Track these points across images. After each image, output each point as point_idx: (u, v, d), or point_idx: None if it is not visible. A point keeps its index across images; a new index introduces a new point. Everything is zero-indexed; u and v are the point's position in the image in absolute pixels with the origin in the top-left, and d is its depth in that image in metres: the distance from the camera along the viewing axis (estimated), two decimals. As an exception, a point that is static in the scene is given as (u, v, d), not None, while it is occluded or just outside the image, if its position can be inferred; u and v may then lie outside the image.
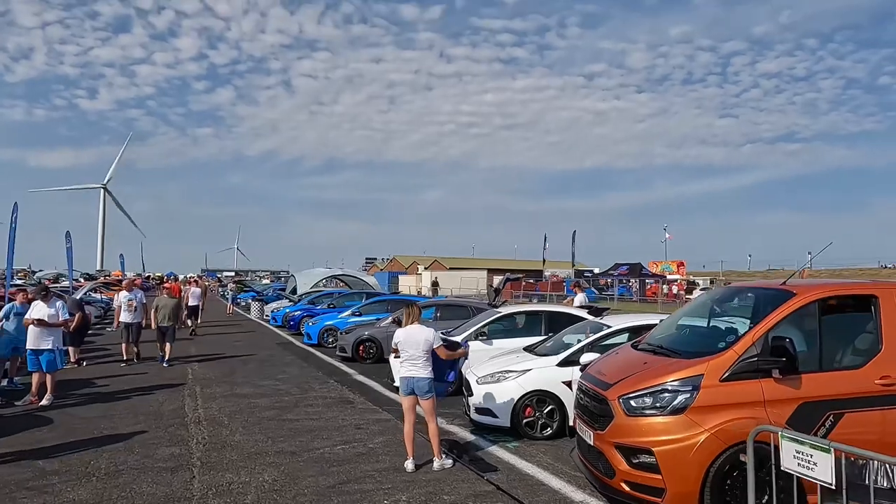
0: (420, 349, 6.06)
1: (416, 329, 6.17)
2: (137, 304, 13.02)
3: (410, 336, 6.12)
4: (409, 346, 6.10)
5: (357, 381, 11.22)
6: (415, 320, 6.24)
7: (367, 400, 9.38)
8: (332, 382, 10.97)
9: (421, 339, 6.07)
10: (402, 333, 6.21)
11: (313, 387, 10.49)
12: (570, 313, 10.20)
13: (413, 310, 6.32)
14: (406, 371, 6.13)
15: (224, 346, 16.29)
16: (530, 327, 10.22)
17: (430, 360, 6.12)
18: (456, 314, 13.41)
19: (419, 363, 6.07)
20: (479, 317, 11.27)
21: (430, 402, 6.13)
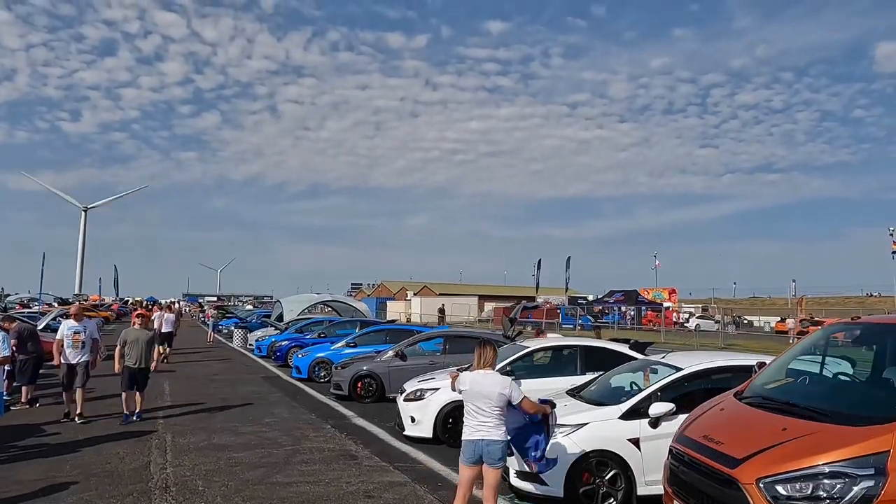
0: (493, 403, 4.65)
1: (488, 377, 4.77)
2: (86, 338, 9.57)
3: (480, 385, 4.73)
4: (477, 399, 4.70)
5: (357, 426, 9.63)
6: (487, 364, 4.82)
7: (373, 453, 7.81)
8: (328, 428, 9.37)
9: (494, 391, 4.67)
10: (468, 381, 4.82)
11: (307, 434, 8.89)
12: (609, 349, 8.77)
13: (486, 351, 4.89)
14: (473, 432, 4.71)
15: (202, 381, 14.56)
16: (563, 365, 8.77)
17: (504, 418, 4.72)
18: (466, 347, 11.87)
19: (491, 422, 4.66)
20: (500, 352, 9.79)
21: (498, 473, 4.72)
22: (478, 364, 4.82)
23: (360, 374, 11.87)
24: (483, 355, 4.82)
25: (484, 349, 4.87)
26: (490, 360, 4.82)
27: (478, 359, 4.85)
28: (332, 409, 11.14)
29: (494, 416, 4.64)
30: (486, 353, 4.84)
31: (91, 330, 9.77)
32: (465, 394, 4.76)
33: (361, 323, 18.45)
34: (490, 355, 4.82)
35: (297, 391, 13.31)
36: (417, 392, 8.45)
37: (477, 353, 4.90)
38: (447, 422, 8.15)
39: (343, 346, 14.86)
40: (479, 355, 4.86)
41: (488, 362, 4.81)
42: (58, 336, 9.61)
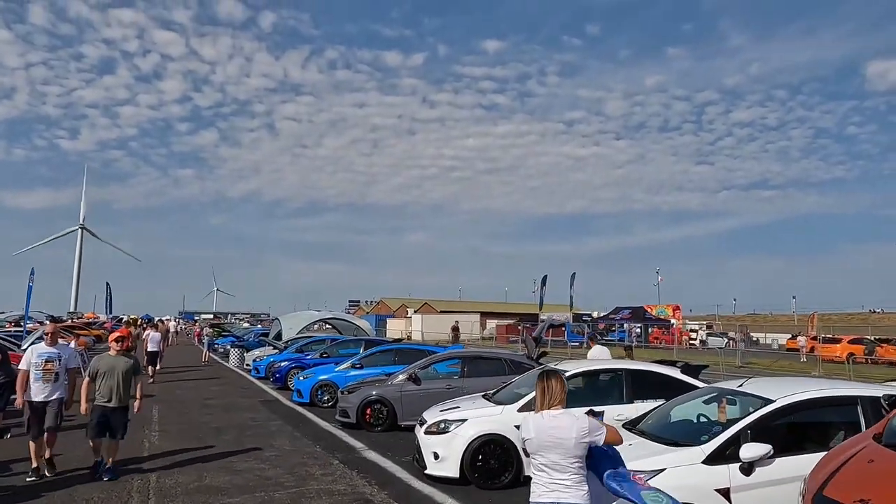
0: (570, 454, 3.56)
1: (558, 419, 3.66)
2: (59, 369, 7.41)
3: (550, 432, 3.63)
4: (548, 450, 3.62)
5: (369, 461, 8.50)
6: (555, 402, 3.74)
7: (391, 498, 6.69)
8: (336, 464, 8.24)
9: (571, 438, 3.57)
10: (532, 427, 3.71)
11: (312, 472, 7.76)
12: (658, 373, 7.70)
13: (552, 385, 3.81)
14: (544, 493, 3.62)
15: (194, 407, 13.40)
16: (606, 392, 7.70)
17: (584, 471, 3.63)
18: (487, 369, 10.83)
19: (568, 479, 3.57)
20: (527, 376, 8.71)
21: None
22: (542, 403, 3.76)
23: (369, 400, 10.75)
24: (549, 391, 3.77)
25: (549, 383, 3.81)
26: (559, 396, 3.76)
27: (542, 396, 3.78)
28: (339, 439, 10.00)
29: (573, 471, 3.57)
30: (553, 387, 3.78)
31: (67, 357, 7.64)
32: (531, 444, 3.69)
33: (366, 342, 17.33)
34: (558, 391, 3.77)
35: (299, 418, 12.16)
36: (441, 424, 7.36)
37: (539, 388, 3.83)
38: (476, 459, 7.05)
39: (348, 368, 13.74)
40: (543, 391, 3.80)
41: (556, 400, 3.75)
42: (22, 365, 7.37)
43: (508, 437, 7.09)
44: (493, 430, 7.13)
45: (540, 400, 3.76)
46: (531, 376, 8.67)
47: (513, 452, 7.05)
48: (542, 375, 3.91)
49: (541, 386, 3.81)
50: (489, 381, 10.32)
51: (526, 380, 8.67)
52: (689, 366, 7.79)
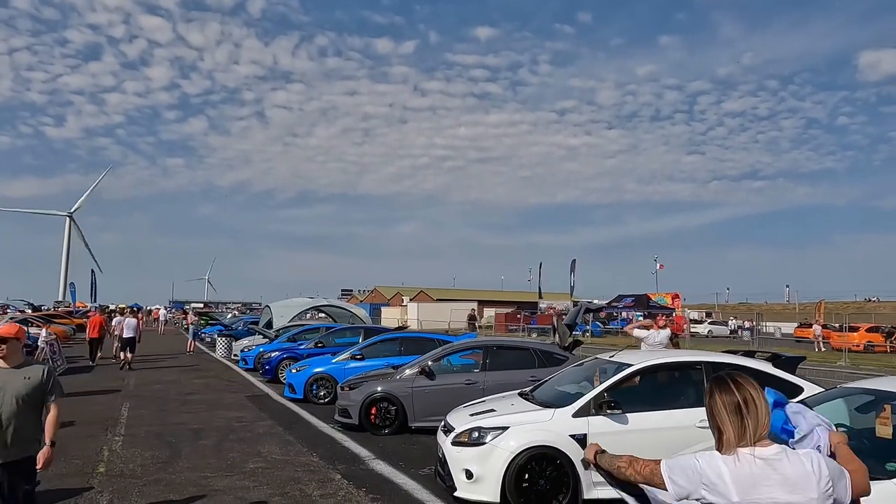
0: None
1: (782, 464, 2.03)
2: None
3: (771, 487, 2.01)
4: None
5: (379, 475, 6.89)
6: (762, 428, 2.08)
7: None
8: (337, 480, 6.62)
9: (811, 488, 1.98)
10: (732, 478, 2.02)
11: (309, 492, 6.14)
12: (749, 367, 6.11)
13: (753, 395, 2.09)
14: None
15: (172, 404, 11.72)
16: (682, 391, 6.11)
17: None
18: (512, 362, 9.23)
19: None
20: (577, 371, 7.14)
21: None
22: (740, 433, 2.08)
23: (374, 398, 9.12)
24: (750, 410, 2.08)
25: (744, 392, 2.12)
26: (766, 418, 2.11)
27: (737, 420, 2.09)
28: (340, 445, 8.37)
29: None
30: (755, 402, 2.10)
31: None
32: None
33: (366, 330, 15.68)
34: (764, 408, 2.11)
35: (291, 418, 10.52)
36: (474, 433, 5.75)
37: (727, 403, 2.11)
38: (522, 479, 5.45)
39: (348, 359, 12.10)
40: (737, 410, 2.09)
41: (763, 425, 2.09)
42: None
43: (563, 450, 5.50)
44: (544, 440, 5.54)
45: (735, 427, 2.09)
46: (576, 372, 7.10)
47: (568, 470, 5.47)
48: (720, 381, 2.23)
49: (729, 400, 2.12)
50: (515, 376, 8.76)
51: (569, 375, 7.10)
52: (781, 358, 6.20)
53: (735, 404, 2.09)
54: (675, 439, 5.60)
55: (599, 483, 5.52)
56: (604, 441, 5.58)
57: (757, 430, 2.05)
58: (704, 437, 5.61)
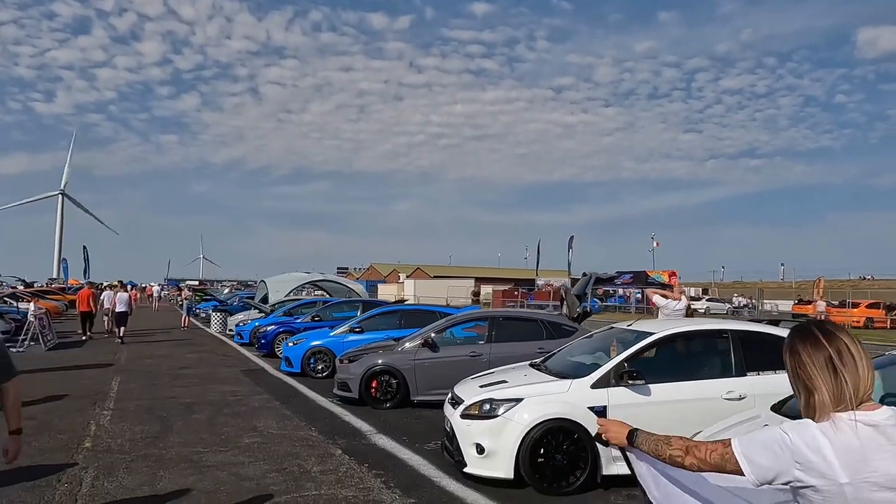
0: None
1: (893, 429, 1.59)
2: None
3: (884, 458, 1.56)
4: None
5: (382, 450, 6.52)
6: (868, 389, 1.63)
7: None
8: (338, 455, 6.26)
9: None
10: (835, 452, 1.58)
11: (308, 468, 5.76)
12: (774, 335, 5.72)
13: (852, 349, 1.65)
14: None
15: (164, 378, 11.34)
16: (708, 362, 5.73)
17: None
18: (519, 333, 8.84)
19: None
20: (590, 341, 6.77)
21: None
22: (837, 396, 1.66)
23: (374, 370, 8.74)
24: (851, 368, 1.66)
25: (839, 345, 1.70)
26: (870, 376, 1.68)
27: (836, 383, 1.66)
28: (340, 419, 8.01)
29: None
30: (856, 357, 1.68)
31: None
32: (835, 494, 1.60)
33: (364, 304, 15.29)
34: (866, 367, 1.67)
35: (288, 391, 10.15)
36: (486, 405, 5.36)
37: (816, 358, 1.69)
38: (537, 454, 5.07)
39: (346, 332, 11.72)
40: (829, 364, 1.67)
41: (869, 385, 1.67)
42: None
43: (581, 423, 5.13)
44: (561, 413, 5.16)
45: (828, 386, 1.67)
46: (589, 342, 6.71)
47: (587, 444, 5.10)
48: (803, 331, 1.79)
49: (817, 353, 1.70)
50: (522, 348, 8.37)
51: (581, 346, 6.71)
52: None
53: (826, 358, 1.65)
54: (700, 412, 5.24)
55: (619, 458, 5.16)
56: (624, 414, 5.20)
57: (858, 388, 1.62)
58: (733, 410, 5.25)
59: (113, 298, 18.29)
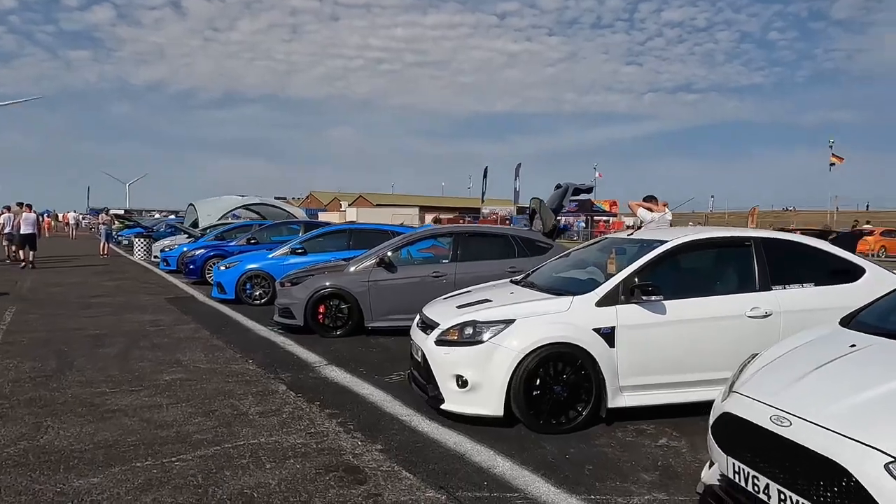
0: None
1: None
2: None
3: None
4: None
5: (333, 383, 5.45)
6: None
7: (395, 462, 3.69)
8: (282, 392, 5.15)
9: None
10: None
11: (244, 409, 4.63)
12: (800, 243, 4.90)
13: None
14: None
15: (71, 307, 9.78)
16: (729, 273, 4.86)
17: None
18: (488, 251, 7.82)
19: None
20: (578, 256, 5.82)
21: None
22: None
23: (322, 294, 7.57)
24: None
25: None
26: None
27: None
28: (283, 349, 6.86)
29: None
30: None
31: None
32: None
33: (306, 224, 13.87)
34: None
35: (220, 320, 8.86)
36: (468, 329, 4.32)
37: None
38: (532, 386, 4.12)
39: (287, 254, 10.39)
40: None
41: None
42: None
43: (586, 348, 4.19)
44: (562, 336, 4.19)
45: None
46: (577, 256, 5.77)
47: (591, 372, 4.19)
48: None
49: None
50: (491, 267, 7.41)
51: (567, 261, 5.77)
52: (835, 235, 5.02)
53: None
54: (722, 332, 4.41)
55: (627, 388, 4.30)
56: (637, 336, 4.30)
57: None
58: (757, 330, 4.42)
59: (16, 220, 16.02)
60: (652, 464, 3.71)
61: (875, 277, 4.76)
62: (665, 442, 4.08)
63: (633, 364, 4.28)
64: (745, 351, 4.52)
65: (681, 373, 4.38)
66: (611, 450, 3.93)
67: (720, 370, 4.42)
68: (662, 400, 4.37)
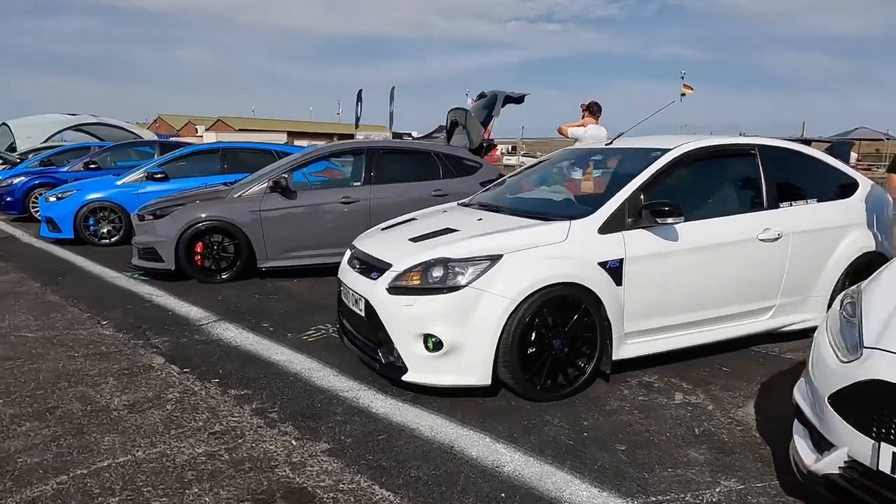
0: None
1: None
2: None
3: None
4: None
5: (233, 348, 4.02)
6: None
7: (338, 458, 2.49)
8: (159, 367, 3.65)
9: None
10: None
11: (103, 399, 3.13)
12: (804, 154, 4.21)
13: None
14: None
15: None
16: (733, 189, 4.06)
17: None
18: (408, 172, 6.53)
19: None
20: (534, 172, 4.81)
21: None
22: None
23: (198, 229, 5.87)
24: None
25: None
26: None
27: None
28: (151, 303, 5.18)
29: None
30: None
31: None
32: None
33: (162, 145, 11.43)
34: None
35: (56, 266, 6.79)
36: (436, 270, 3.12)
37: None
38: (525, 345, 3.07)
39: (142, 180, 8.28)
40: None
41: None
42: None
43: (592, 288, 3.20)
44: (564, 275, 3.16)
45: None
46: (533, 174, 4.75)
47: (595, 318, 3.24)
48: None
49: None
50: (414, 190, 6.25)
51: (521, 180, 4.73)
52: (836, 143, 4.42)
53: None
54: (732, 259, 3.66)
55: (633, 334, 3.42)
56: (646, 270, 3.36)
57: None
58: (768, 256, 3.61)
59: None
60: (690, 433, 2.89)
61: (867, 191, 4.25)
62: (683, 399, 3.29)
63: (639, 305, 3.39)
64: (752, 281, 3.85)
65: (687, 312, 3.58)
66: (631, 417, 3.05)
67: (727, 305, 3.72)
68: (666, 346, 3.56)
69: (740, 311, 3.77)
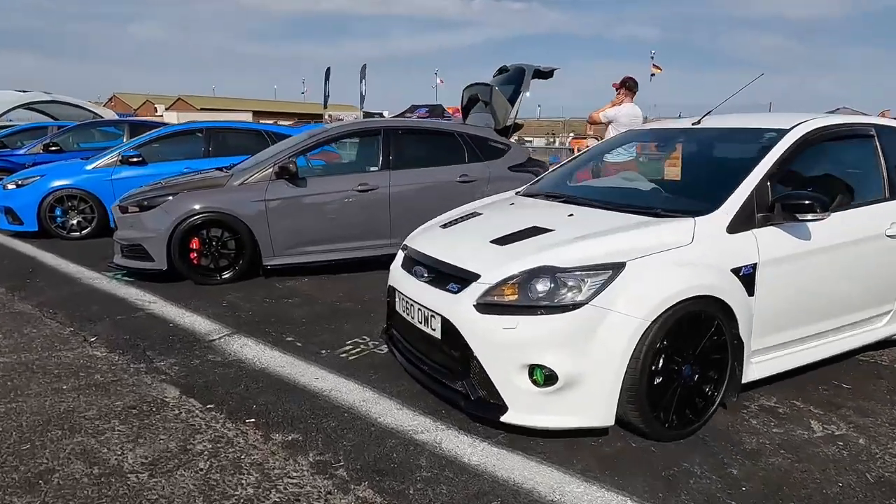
0: None
1: None
2: None
3: None
4: None
5: (257, 370, 3.30)
6: None
7: None
8: (172, 400, 2.92)
9: None
10: None
11: (111, 457, 2.40)
12: None
13: None
14: None
15: None
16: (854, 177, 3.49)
17: None
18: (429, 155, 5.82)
19: None
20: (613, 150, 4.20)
21: None
22: None
23: (193, 223, 5.06)
24: None
25: None
26: None
27: None
28: (144, 312, 4.38)
29: None
30: None
31: None
32: None
33: (132, 125, 10.35)
34: None
35: (21, 266, 5.87)
36: (540, 281, 2.47)
37: None
38: (653, 374, 2.46)
39: (116, 164, 7.33)
40: None
41: None
42: None
43: (726, 300, 2.62)
44: (699, 286, 2.55)
45: None
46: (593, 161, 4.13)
47: (726, 339, 2.66)
48: None
49: None
50: (438, 175, 5.61)
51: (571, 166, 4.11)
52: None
53: None
54: (860, 259, 3.12)
55: (758, 352, 2.86)
56: (781, 276, 2.73)
57: None
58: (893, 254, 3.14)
59: None
60: (863, 482, 2.34)
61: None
62: (823, 429, 2.75)
63: (769, 318, 2.82)
64: (877, 284, 3.34)
65: (814, 322, 3.04)
66: (782, 461, 2.49)
67: (851, 312, 3.19)
68: (789, 364, 3.01)
69: (860, 319, 3.25)
